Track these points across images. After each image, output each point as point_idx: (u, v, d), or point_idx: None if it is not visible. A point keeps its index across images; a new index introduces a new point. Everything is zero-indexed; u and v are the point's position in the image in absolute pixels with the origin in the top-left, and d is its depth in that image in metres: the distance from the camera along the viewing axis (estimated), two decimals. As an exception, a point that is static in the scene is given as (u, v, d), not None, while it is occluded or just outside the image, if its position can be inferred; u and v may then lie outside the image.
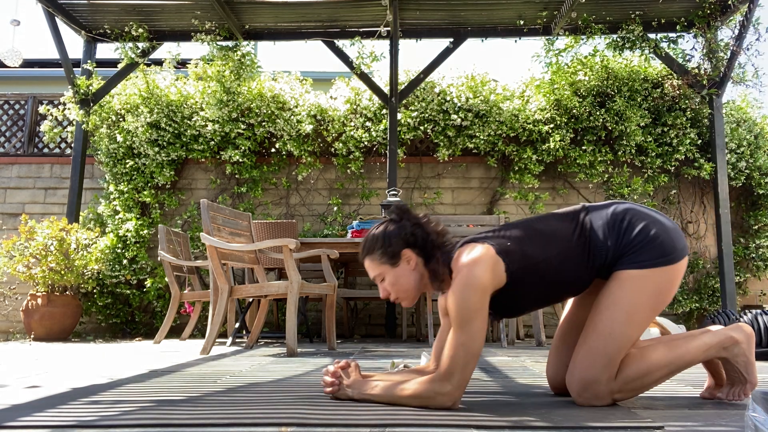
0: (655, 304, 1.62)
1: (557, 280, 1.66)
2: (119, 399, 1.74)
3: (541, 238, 1.66)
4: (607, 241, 1.64)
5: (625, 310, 1.60)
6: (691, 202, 6.37)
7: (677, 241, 1.64)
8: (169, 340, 5.30)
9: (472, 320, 1.52)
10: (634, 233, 1.63)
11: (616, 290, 1.62)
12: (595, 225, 1.66)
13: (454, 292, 1.56)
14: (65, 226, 5.59)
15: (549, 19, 6.14)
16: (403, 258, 1.69)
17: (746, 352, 1.63)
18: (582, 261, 1.65)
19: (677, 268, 1.63)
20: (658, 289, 1.62)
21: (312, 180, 6.55)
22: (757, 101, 6.50)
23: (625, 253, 1.63)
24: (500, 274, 1.60)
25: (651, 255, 1.61)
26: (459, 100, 6.17)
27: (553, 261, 1.64)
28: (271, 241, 3.55)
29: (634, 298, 1.60)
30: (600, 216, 1.68)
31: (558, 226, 1.69)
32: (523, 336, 5.35)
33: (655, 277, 1.61)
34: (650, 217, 1.66)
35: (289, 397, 1.78)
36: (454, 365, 1.51)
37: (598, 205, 1.73)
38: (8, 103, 7.00)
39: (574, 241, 1.65)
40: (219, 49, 6.35)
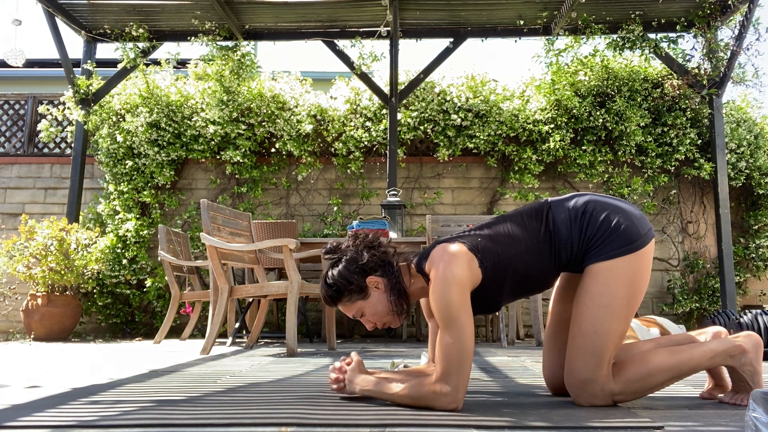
0: (632, 293, 1.63)
1: (528, 274, 1.67)
2: (119, 399, 1.74)
3: (510, 235, 1.67)
4: (571, 235, 1.65)
5: (604, 305, 1.60)
6: (691, 202, 6.37)
7: (641, 227, 1.65)
8: (169, 340, 5.30)
9: (456, 317, 1.52)
10: (597, 224, 1.64)
11: (592, 286, 1.62)
12: (557, 219, 1.67)
13: (434, 292, 1.56)
14: (65, 226, 5.59)
15: (549, 19, 6.14)
16: (370, 287, 1.67)
17: (753, 361, 1.61)
18: (550, 255, 1.66)
19: (645, 252, 1.63)
20: (631, 277, 1.62)
21: (312, 180, 6.55)
22: (757, 101, 6.51)
23: (591, 246, 1.64)
24: (476, 271, 1.61)
25: (617, 244, 1.61)
26: (459, 100, 6.17)
27: (523, 256, 1.65)
28: (271, 241, 3.55)
29: (609, 290, 1.60)
30: (562, 210, 1.69)
31: (525, 223, 1.70)
32: (523, 336, 5.36)
33: (626, 265, 1.61)
34: (611, 206, 1.67)
35: (289, 397, 1.78)
36: (449, 367, 1.50)
37: (560, 199, 1.73)
38: (8, 103, 7.00)
39: (540, 236, 1.66)
40: (219, 49, 6.35)
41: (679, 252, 6.27)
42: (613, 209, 1.66)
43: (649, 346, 1.72)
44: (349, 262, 1.67)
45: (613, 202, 1.68)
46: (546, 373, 1.84)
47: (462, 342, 1.51)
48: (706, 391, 1.78)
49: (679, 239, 6.29)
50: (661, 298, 6.20)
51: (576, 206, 1.68)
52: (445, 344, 1.52)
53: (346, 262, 1.68)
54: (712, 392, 1.76)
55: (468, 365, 1.52)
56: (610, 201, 1.69)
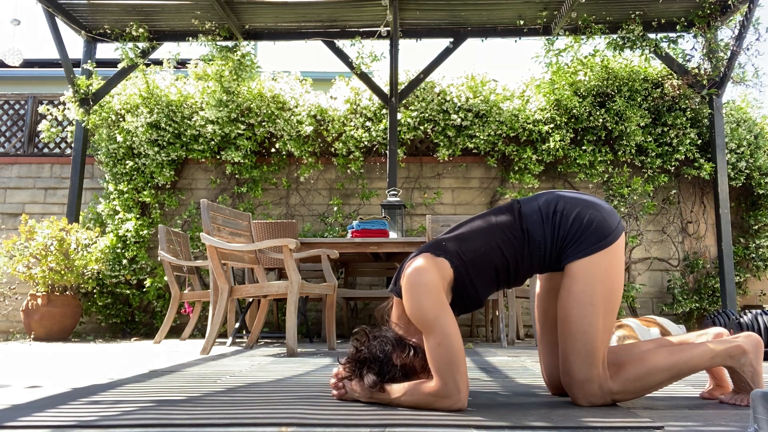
0: (612, 286, 1.63)
1: (503, 266, 1.68)
2: (119, 399, 1.74)
3: (481, 232, 1.69)
4: (544, 235, 1.66)
5: (587, 304, 1.61)
6: (691, 202, 6.37)
7: (612, 220, 1.66)
8: (169, 340, 5.30)
9: (435, 320, 1.52)
10: (570, 223, 1.65)
11: (573, 286, 1.63)
12: (529, 220, 1.68)
13: (407, 305, 1.56)
14: (65, 226, 5.59)
15: (549, 19, 6.14)
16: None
17: (753, 362, 1.61)
18: (523, 251, 1.67)
19: (619, 245, 1.65)
20: (608, 272, 1.63)
21: (312, 180, 6.55)
22: (757, 101, 6.50)
23: (567, 245, 1.65)
24: (446, 270, 1.61)
25: (592, 240, 1.63)
26: (459, 100, 6.17)
27: (496, 249, 1.66)
28: (271, 241, 3.55)
29: (591, 288, 1.61)
30: (532, 209, 1.70)
31: (497, 219, 1.71)
32: (523, 336, 5.35)
33: (603, 260, 1.62)
34: (581, 202, 1.68)
35: (289, 397, 1.78)
36: (442, 370, 1.49)
37: (529, 199, 1.74)
38: (8, 103, 7.00)
39: (514, 231, 1.67)
40: (219, 49, 6.36)
41: (679, 252, 6.27)
42: (583, 205, 1.67)
43: (650, 346, 1.72)
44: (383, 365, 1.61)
45: (583, 198, 1.70)
46: (545, 374, 1.84)
47: (448, 342, 1.50)
48: (706, 392, 1.78)
49: (679, 239, 6.30)
50: (661, 298, 6.20)
51: (547, 206, 1.69)
52: (432, 349, 1.51)
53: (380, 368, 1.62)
54: (712, 392, 1.76)
55: (461, 364, 1.50)
56: (580, 197, 1.71)
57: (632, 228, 6.30)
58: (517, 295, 4.62)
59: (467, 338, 5.78)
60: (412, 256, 1.70)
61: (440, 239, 1.71)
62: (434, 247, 1.67)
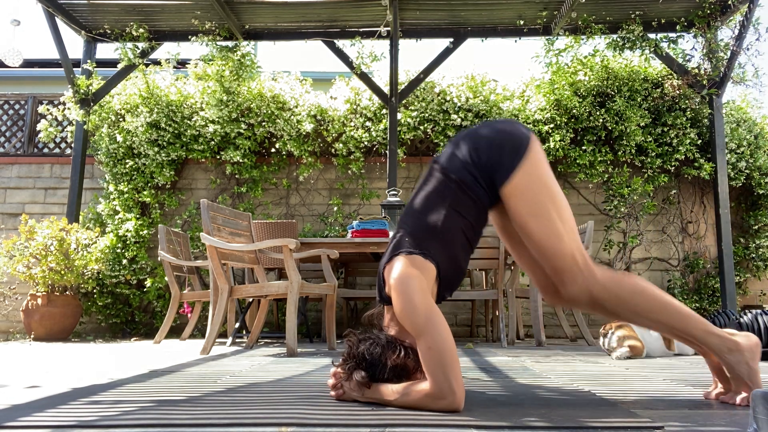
0: (549, 187, 1.69)
1: (467, 225, 1.72)
2: (119, 399, 1.74)
3: (429, 208, 1.72)
4: (472, 174, 1.70)
5: (537, 215, 1.66)
6: (691, 202, 6.37)
7: (517, 130, 1.72)
8: (169, 340, 5.30)
9: (425, 322, 1.52)
10: (485, 151, 1.70)
11: (517, 206, 1.68)
12: (453, 169, 1.72)
13: (397, 310, 1.58)
14: (65, 226, 5.59)
15: (549, 19, 6.14)
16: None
17: (749, 360, 1.62)
18: (468, 198, 1.71)
19: (534, 147, 1.71)
20: (539, 176, 1.69)
21: (312, 180, 6.55)
22: (757, 101, 6.51)
23: (493, 172, 1.69)
24: (426, 266, 1.65)
25: (511, 156, 1.68)
26: (459, 100, 6.18)
27: (453, 214, 1.70)
28: (271, 241, 3.55)
29: (531, 200, 1.66)
30: (449, 158, 1.75)
31: (432, 188, 1.74)
32: (523, 336, 5.35)
33: (529, 168, 1.67)
34: (485, 129, 1.75)
35: (289, 397, 1.78)
36: (435, 372, 1.48)
37: (443, 152, 1.79)
38: (8, 103, 7.00)
39: (449, 188, 1.71)
40: (219, 49, 6.35)
41: (679, 252, 6.27)
42: (488, 130, 1.74)
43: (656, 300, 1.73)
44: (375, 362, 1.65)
45: (484, 125, 1.77)
46: (535, 283, 1.88)
47: (439, 344, 1.50)
48: (710, 393, 1.77)
49: (679, 239, 6.30)
50: (661, 298, 6.19)
51: (459, 148, 1.74)
52: (423, 352, 1.51)
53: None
54: (717, 394, 1.75)
55: (454, 365, 1.49)
56: (481, 126, 1.78)
57: (632, 228, 6.30)
58: (517, 295, 4.62)
59: (467, 338, 5.78)
60: (386, 261, 1.71)
61: (402, 235, 1.73)
62: (404, 246, 1.69)
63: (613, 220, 6.27)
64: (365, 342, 1.64)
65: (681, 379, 2.36)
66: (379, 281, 1.76)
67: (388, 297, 1.69)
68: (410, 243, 1.69)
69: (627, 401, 1.72)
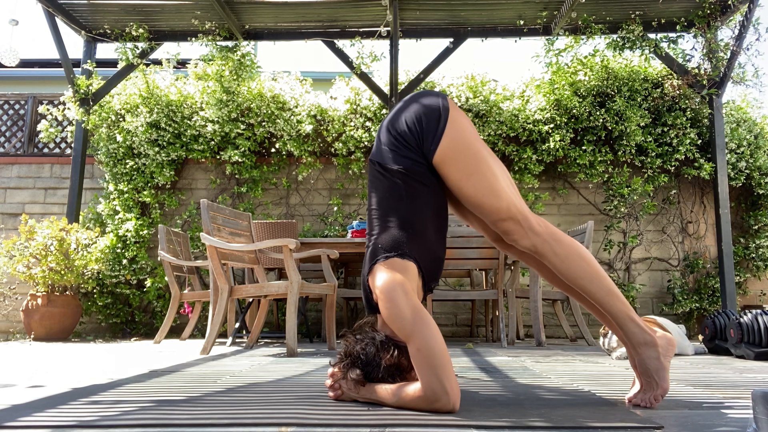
0: (473, 147, 1.74)
1: (436, 206, 1.78)
2: (119, 399, 1.74)
3: (390, 205, 1.76)
4: (410, 157, 1.74)
5: (469, 176, 1.71)
6: (691, 202, 6.37)
7: (432, 101, 1.77)
8: (169, 340, 5.30)
9: (413, 325, 1.52)
10: (408, 132, 1.74)
11: (449, 173, 1.73)
12: (389, 158, 1.76)
13: (385, 316, 1.59)
14: (65, 226, 5.59)
15: (549, 19, 6.14)
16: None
17: (660, 356, 1.64)
18: (419, 184, 1.74)
19: (453, 113, 1.75)
20: (463, 138, 1.74)
21: (312, 180, 6.55)
22: (757, 101, 6.50)
23: (422, 148, 1.73)
24: (408, 267, 1.68)
25: (432, 127, 1.72)
26: (459, 100, 6.17)
27: (411, 208, 1.74)
28: (271, 241, 3.55)
29: (462, 161, 1.72)
30: (380, 150, 1.79)
31: (385, 185, 1.77)
32: (523, 336, 5.35)
33: (452, 134, 1.72)
34: (401, 110, 1.79)
35: (289, 397, 1.78)
36: (427, 374, 1.48)
37: (375, 149, 1.83)
38: (8, 103, 7.00)
39: (398, 184, 1.74)
40: (219, 49, 6.35)
41: (679, 252, 6.27)
42: (404, 109, 1.78)
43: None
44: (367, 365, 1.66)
45: (401, 107, 1.81)
46: (490, 238, 1.93)
47: (428, 345, 1.49)
48: (629, 395, 1.71)
49: (679, 239, 6.29)
50: (661, 298, 6.20)
51: (387, 137, 1.78)
52: (413, 355, 1.52)
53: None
54: (629, 397, 1.69)
55: (445, 366, 1.48)
56: (398, 108, 1.81)
57: (632, 228, 6.30)
58: (517, 296, 4.62)
59: (467, 338, 5.78)
60: (368, 272, 1.74)
61: (374, 243, 1.75)
62: (379, 253, 1.72)
63: (613, 220, 6.27)
64: (361, 342, 1.65)
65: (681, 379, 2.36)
66: (365, 292, 1.77)
67: (377, 305, 1.70)
68: (384, 248, 1.71)
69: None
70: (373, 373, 1.62)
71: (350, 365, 1.65)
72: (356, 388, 1.64)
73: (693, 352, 3.78)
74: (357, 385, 1.64)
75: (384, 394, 1.58)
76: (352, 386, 1.65)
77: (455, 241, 4.37)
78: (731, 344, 3.68)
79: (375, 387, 1.62)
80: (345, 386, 1.67)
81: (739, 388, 2.10)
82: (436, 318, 6.23)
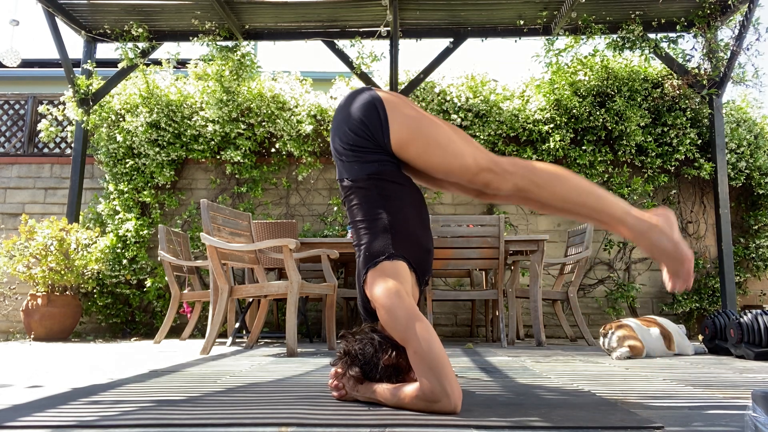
0: (422, 120, 1.78)
1: (413, 200, 1.82)
2: (119, 399, 1.74)
3: (369, 217, 1.78)
4: (376, 160, 1.78)
5: (426, 147, 1.74)
6: (691, 202, 6.37)
7: (362, 98, 1.81)
8: (169, 340, 5.30)
9: (407, 328, 1.53)
10: (359, 137, 1.78)
11: (409, 152, 1.77)
12: (357, 172, 1.79)
13: (383, 320, 1.61)
14: (65, 226, 5.59)
15: (549, 19, 6.14)
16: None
17: (668, 233, 1.61)
18: (393, 184, 1.79)
19: (385, 98, 1.80)
20: (404, 115, 1.77)
21: (312, 180, 6.55)
22: (757, 101, 6.50)
23: (378, 142, 1.77)
24: (400, 269, 1.70)
25: (374, 121, 1.76)
26: (459, 100, 6.17)
27: (391, 209, 1.77)
28: (271, 241, 3.55)
29: (413, 137, 1.75)
30: (349, 168, 1.81)
31: (359, 200, 1.80)
32: (523, 336, 5.35)
33: (395, 117, 1.76)
34: (341, 120, 1.83)
35: (289, 397, 1.78)
36: (426, 376, 1.47)
37: (338, 169, 1.88)
38: (8, 103, 7.00)
39: (372, 190, 1.78)
40: (219, 49, 6.35)
41: (679, 252, 6.26)
42: (343, 118, 1.83)
43: None
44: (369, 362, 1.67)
45: (338, 117, 1.85)
46: (471, 195, 1.94)
47: (424, 348, 1.49)
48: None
49: (679, 239, 6.29)
50: (661, 298, 6.20)
51: (343, 153, 1.82)
52: (412, 356, 1.52)
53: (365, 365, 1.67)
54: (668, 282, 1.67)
55: (444, 367, 1.48)
56: (337, 120, 1.86)
57: (632, 228, 6.29)
58: (517, 296, 4.62)
59: (467, 338, 5.78)
60: (363, 275, 1.75)
61: (363, 251, 1.77)
62: (369, 259, 1.74)
63: (613, 220, 6.26)
64: (360, 342, 1.66)
65: (681, 379, 2.36)
66: (362, 301, 1.79)
67: (374, 311, 1.72)
68: (372, 254, 1.74)
69: (627, 401, 1.73)
70: (372, 373, 1.62)
71: (349, 363, 1.66)
72: (355, 386, 1.65)
73: (693, 352, 3.78)
74: (356, 383, 1.64)
75: (384, 394, 1.59)
76: (351, 384, 1.66)
77: (455, 241, 4.37)
78: (731, 344, 3.68)
79: (375, 387, 1.62)
80: (348, 386, 1.68)
81: (739, 388, 2.10)
82: (436, 318, 6.23)
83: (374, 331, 1.71)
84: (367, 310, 1.79)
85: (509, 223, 6.35)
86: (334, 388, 1.71)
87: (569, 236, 5.31)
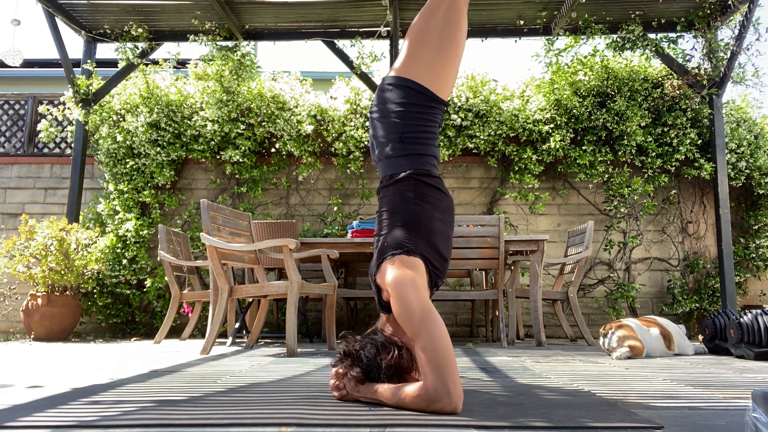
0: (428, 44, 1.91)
1: (435, 213, 1.81)
2: (120, 399, 1.74)
3: (396, 211, 1.80)
4: (387, 152, 1.86)
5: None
6: (691, 202, 6.37)
7: (378, 91, 1.96)
8: (169, 340, 5.30)
9: (420, 323, 1.53)
10: (394, 125, 1.86)
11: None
12: (396, 162, 1.85)
13: (396, 312, 1.60)
14: (65, 226, 5.59)
15: (549, 19, 6.14)
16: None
17: None
18: (429, 187, 1.82)
19: (395, 73, 1.94)
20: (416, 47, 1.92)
21: (312, 180, 6.55)
22: (757, 101, 6.50)
23: (423, 91, 1.87)
24: (417, 265, 1.69)
25: (396, 87, 1.88)
26: (459, 99, 6.17)
27: (418, 209, 1.78)
28: (271, 241, 3.55)
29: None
30: (388, 162, 1.87)
31: (393, 194, 1.82)
32: (523, 336, 5.35)
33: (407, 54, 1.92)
34: (375, 130, 1.93)
35: (289, 397, 1.78)
36: (431, 373, 1.47)
37: (381, 165, 1.91)
38: (8, 103, 7.00)
39: (410, 183, 1.81)
40: (219, 49, 6.35)
41: (679, 252, 6.27)
42: (373, 126, 1.92)
43: None
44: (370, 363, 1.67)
45: (374, 135, 1.93)
46: None
47: (434, 345, 1.49)
48: None
49: (679, 239, 6.29)
50: (661, 298, 6.20)
51: (385, 149, 1.88)
52: (419, 353, 1.52)
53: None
54: None
55: (450, 366, 1.48)
56: (373, 137, 1.93)
57: (632, 228, 6.30)
58: (517, 296, 4.62)
59: (467, 338, 5.78)
60: (378, 264, 1.74)
61: (383, 241, 1.77)
62: (388, 250, 1.73)
63: (613, 220, 6.27)
64: (361, 342, 1.66)
65: (681, 379, 2.36)
66: (376, 290, 1.78)
67: (387, 303, 1.70)
68: (390, 246, 1.73)
69: (627, 401, 1.73)
70: (374, 374, 1.62)
71: (351, 364, 1.66)
72: (356, 387, 1.65)
73: (693, 352, 3.78)
74: (357, 383, 1.64)
75: (385, 394, 1.59)
76: (352, 385, 1.66)
77: (455, 241, 4.37)
78: (731, 344, 3.68)
79: (376, 387, 1.62)
80: (349, 386, 1.68)
81: (739, 388, 2.10)
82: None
83: (375, 330, 1.71)
84: (380, 301, 1.77)
85: (509, 223, 6.35)
86: (335, 388, 1.71)
87: (569, 236, 5.31)
